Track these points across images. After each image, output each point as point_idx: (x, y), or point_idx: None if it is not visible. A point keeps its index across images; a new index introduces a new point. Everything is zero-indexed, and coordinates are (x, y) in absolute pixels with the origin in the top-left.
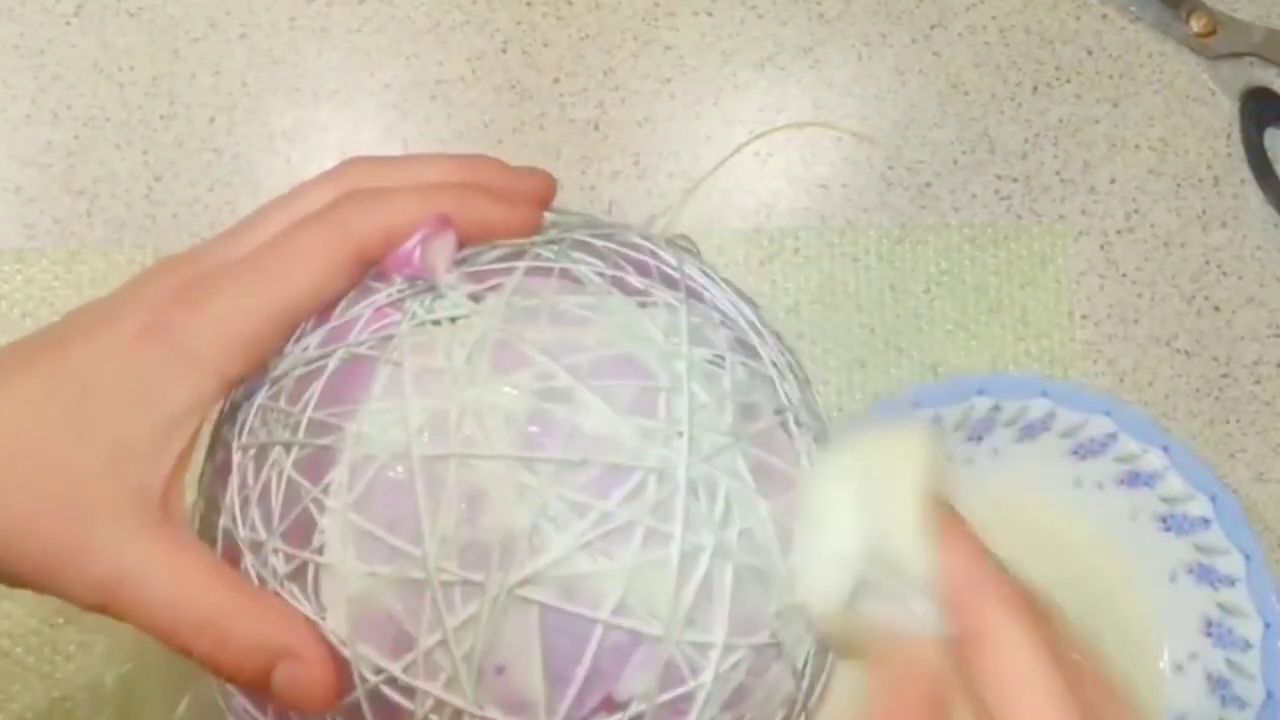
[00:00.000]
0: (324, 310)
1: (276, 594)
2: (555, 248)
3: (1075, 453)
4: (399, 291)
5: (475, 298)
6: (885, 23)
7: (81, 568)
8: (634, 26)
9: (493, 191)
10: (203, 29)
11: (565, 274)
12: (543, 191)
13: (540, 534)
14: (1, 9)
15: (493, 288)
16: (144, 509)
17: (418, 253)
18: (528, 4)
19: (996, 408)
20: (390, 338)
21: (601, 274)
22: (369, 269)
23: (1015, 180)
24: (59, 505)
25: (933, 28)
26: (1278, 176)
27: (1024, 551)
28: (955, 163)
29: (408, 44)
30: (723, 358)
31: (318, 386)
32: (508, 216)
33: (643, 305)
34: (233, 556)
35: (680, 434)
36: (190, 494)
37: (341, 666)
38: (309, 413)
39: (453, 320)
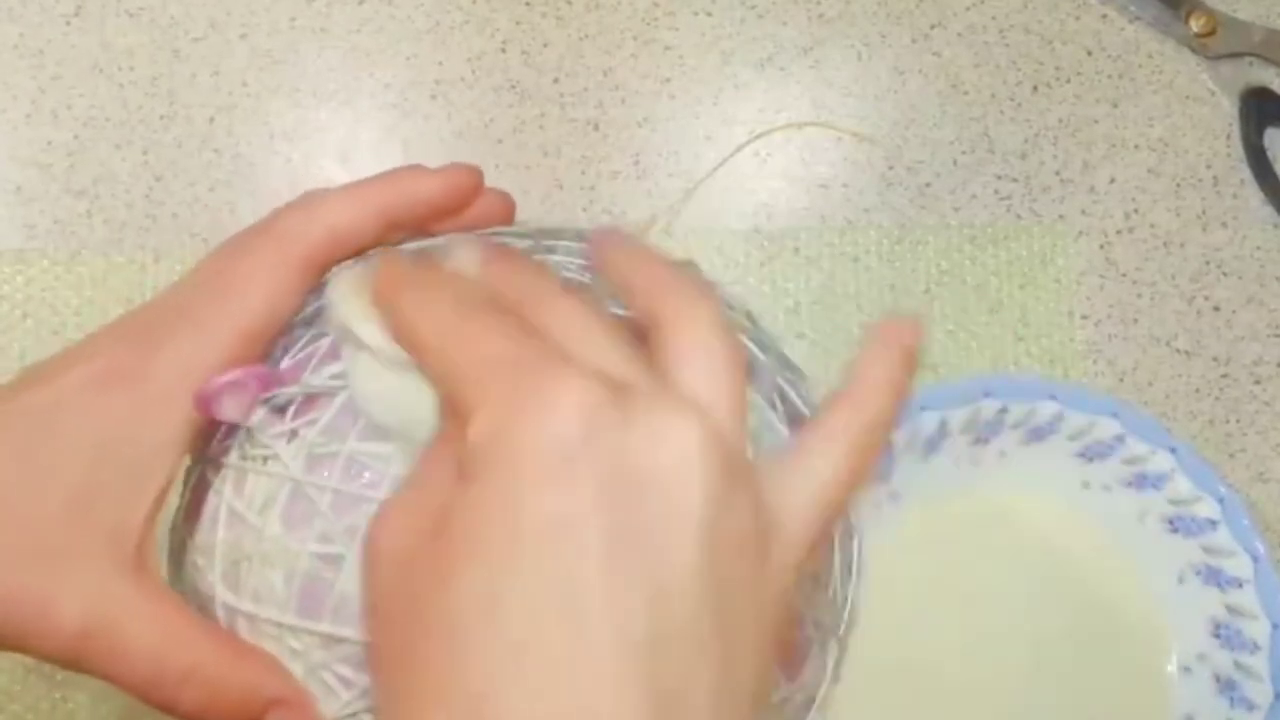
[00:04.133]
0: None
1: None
2: None
3: (1083, 455)
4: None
5: (293, 434)
6: (885, 23)
7: (51, 618)
8: (634, 26)
9: (424, 172)
10: (203, 29)
11: None
12: (469, 182)
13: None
14: (1, 9)
15: (310, 422)
16: (119, 554)
17: (219, 402)
18: (527, 4)
19: (1004, 410)
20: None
21: None
22: (322, 273)
23: (1015, 180)
24: (16, 555)
25: (933, 28)
26: (1278, 176)
27: (1031, 553)
28: (955, 163)
29: (407, 44)
30: None
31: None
32: (437, 186)
33: None
34: None
35: None
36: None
37: None
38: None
39: (264, 460)
